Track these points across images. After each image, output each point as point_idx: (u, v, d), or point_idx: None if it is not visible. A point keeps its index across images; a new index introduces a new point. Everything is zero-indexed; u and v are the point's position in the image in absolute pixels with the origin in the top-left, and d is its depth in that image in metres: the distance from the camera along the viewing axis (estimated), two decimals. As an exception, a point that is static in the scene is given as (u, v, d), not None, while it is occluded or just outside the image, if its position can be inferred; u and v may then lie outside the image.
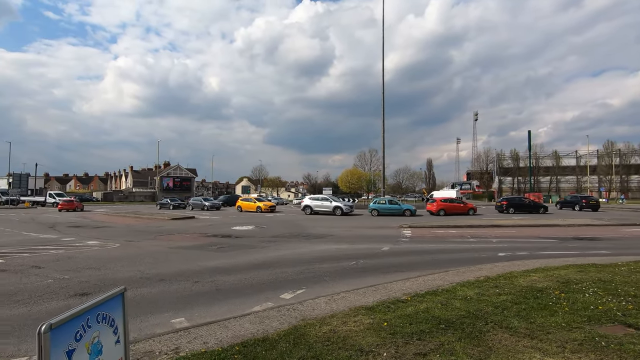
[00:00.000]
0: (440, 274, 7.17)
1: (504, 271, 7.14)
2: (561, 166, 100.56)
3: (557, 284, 6.13)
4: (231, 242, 13.56)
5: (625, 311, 4.77)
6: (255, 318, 4.63)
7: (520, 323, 4.33)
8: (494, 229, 17.90)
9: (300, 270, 8.21)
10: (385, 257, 9.99)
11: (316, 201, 27.96)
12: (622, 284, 6.11)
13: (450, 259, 9.53)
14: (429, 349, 3.58)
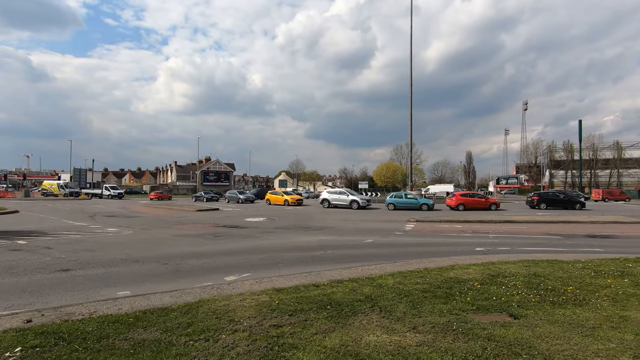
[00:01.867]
0: (386, 265, 7.46)
1: (448, 264, 7.26)
2: (624, 158, 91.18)
3: (486, 276, 6.21)
4: (233, 232, 14.57)
5: (523, 303, 4.88)
6: (177, 293, 5.37)
7: (404, 308, 4.65)
8: (505, 225, 17.29)
9: (266, 257, 8.89)
10: (359, 249, 10.34)
11: (334, 195, 28.44)
12: (554, 279, 6.06)
13: (420, 252, 9.66)
14: (289, 322, 4.08)
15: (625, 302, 4.89)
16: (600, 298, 5.08)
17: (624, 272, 6.51)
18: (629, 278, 6.09)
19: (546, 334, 3.77)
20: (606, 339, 3.65)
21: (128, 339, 3.64)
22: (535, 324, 4.07)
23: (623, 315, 4.40)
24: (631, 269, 6.71)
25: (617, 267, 6.86)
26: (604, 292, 5.37)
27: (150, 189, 70.82)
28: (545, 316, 4.36)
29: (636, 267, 6.94)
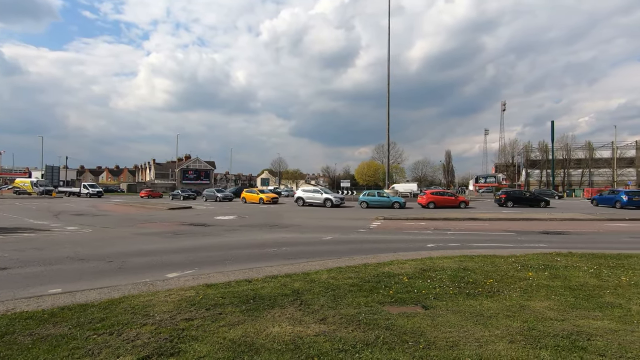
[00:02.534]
0: (329, 261, 7.64)
1: (389, 259, 7.50)
2: (594, 158, 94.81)
3: (417, 271, 6.47)
4: (197, 229, 14.52)
5: (440, 295, 5.12)
6: (107, 290, 5.39)
7: (324, 301, 4.82)
8: (468, 222, 17.80)
9: (218, 254, 8.94)
10: (315, 246, 10.50)
11: (308, 193, 28.59)
12: (480, 272, 6.36)
13: (373, 248, 9.88)
14: (202, 316, 4.19)
15: (533, 293, 5.21)
16: (513, 290, 5.38)
17: (548, 265, 6.89)
18: (549, 271, 6.45)
19: (443, 323, 4.01)
20: (495, 327, 3.91)
21: (33, 334, 3.68)
22: (438, 315, 4.31)
23: (524, 304, 4.69)
24: (556, 263, 7.10)
25: (545, 261, 7.24)
26: (520, 284, 5.69)
27: (127, 187, 69.35)
28: (453, 307, 4.61)
29: (562, 261, 7.34)
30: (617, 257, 7.71)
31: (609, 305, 4.66)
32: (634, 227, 15.97)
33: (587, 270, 6.56)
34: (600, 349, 3.35)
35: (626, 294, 5.15)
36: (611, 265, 6.93)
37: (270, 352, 3.27)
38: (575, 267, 6.80)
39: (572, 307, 4.61)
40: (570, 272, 6.43)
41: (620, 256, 7.86)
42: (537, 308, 4.54)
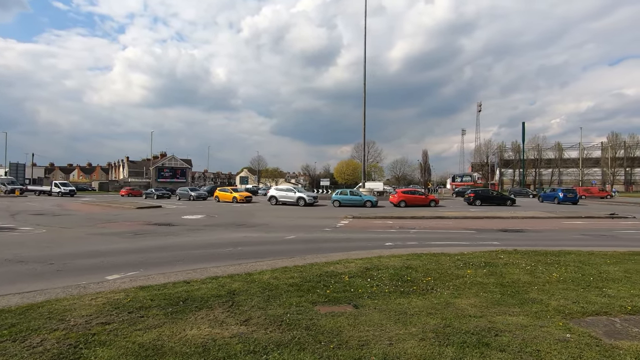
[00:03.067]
0: (278, 260, 7.62)
1: (338, 259, 7.55)
2: (564, 158, 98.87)
3: (361, 270, 6.53)
4: (160, 229, 14.18)
5: (374, 294, 5.19)
6: (33, 294, 5.17)
7: (257, 302, 4.79)
8: (434, 220, 18.18)
9: (171, 254, 8.76)
10: (275, 245, 10.47)
11: (281, 192, 28.49)
12: (421, 271, 6.49)
13: (331, 247, 9.89)
14: (122, 319, 4.08)
15: (465, 290, 5.35)
16: (447, 287, 5.51)
17: (490, 263, 7.10)
18: (488, 268, 6.65)
19: (364, 322, 4.05)
20: (413, 325, 3.99)
21: None
22: (364, 314, 4.36)
23: (451, 302, 4.81)
24: (498, 260, 7.33)
25: (488, 259, 7.46)
26: (456, 281, 5.84)
27: (98, 185, 67.11)
28: (382, 305, 4.67)
29: (505, 258, 7.59)
30: (558, 254, 8.03)
31: (531, 301, 4.84)
32: (587, 225, 16.72)
33: (524, 267, 6.80)
34: (503, 344, 3.47)
35: (551, 290, 5.36)
36: (549, 262, 7.21)
37: (177, 356, 3.22)
38: (514, 264, 7.04)
39: (496, 303, 4.76)
40: (508, 269, 6.65)
41: (561, 253, 8.20)
42: (462, 305, 4.67)
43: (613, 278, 6.05)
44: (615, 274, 6.29)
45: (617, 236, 12.99)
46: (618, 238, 12.56)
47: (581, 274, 6.27)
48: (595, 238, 12.51)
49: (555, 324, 4.05)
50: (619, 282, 5.84)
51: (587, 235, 13.32)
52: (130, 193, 49.40)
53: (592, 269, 6.64)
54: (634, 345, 3.54)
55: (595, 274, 6.33)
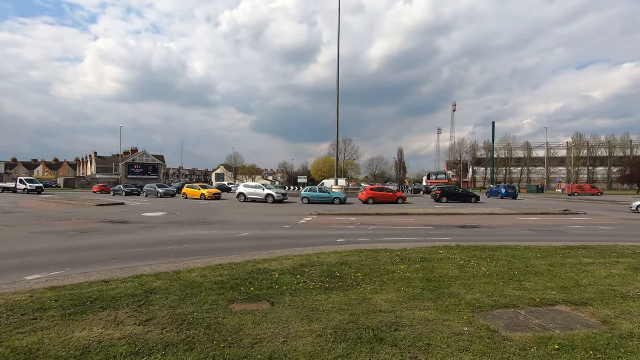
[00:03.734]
0: (216, 258, 7.45)
1: (276, 256, 7.46)
2: (532, 157, 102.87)
3: (294, 266, 6.47)
4: (112, 227, 13.64)
5: (297, 290, 5.13)
6: None
7: (170, 301, 4.63)
8: (397, 217, 18.42)
9: (106, 253, 8.39)
10: (224, 242, 10.24)
11: (250, 189, 28.14)
12: (354, 266, 6.50)
13: (280, 244, 9.79)
14: (7, 322, 3.82)
15: (389, 285, 5.37)
16: (372, 282, 5.53)
17: (426, 258, 7.20)
18: (422, 264, 6.73)
19: (270, 319, 3.98)
20: (318, 321, 3.95)
21: None
22: (275, 311, 4.28)
23: (369, 297, 4.82)
24: (435, 256, 7.44)
25: (427, 254, 7.57)
26: (384, 276, 5.86)
27: (63, 182, 64.24)
28: (299, 302, 4.61)
29: (444, 253, 7.72)
30: (495, 249, 8.25)
31: (448, 296, 4.91)
32: (540, 221, 17.38)
33: (458, 261, 6.93)
34: (397, 339, 3.48)
35: (473, 284, 5.47)
36: (483, 257, 7.39)
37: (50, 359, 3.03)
38: (450, 259, 7.17)
39: (413, 298, 4.80)
40: (441, 264, 6.76)
41: (499, 248, 8.42)
42: (378, 300, 4.68)
43: (536, 271, 6.25)
44: (540, 268, 6.50)
45: (563, 231, 13.55)
46: (563, 233, 13.10)
47: (508, 268, 6.45)
48: (542, 233, 13.00)
49: (460, 317, 4.11)
50: (540, 275, 6.03)
51: (535, 230, 13.83)
52: (102, 190, 48.20)
53: (520, 263, 6.85)
54: (525, 337, 3.64)
55: (522, 267, 6.53)
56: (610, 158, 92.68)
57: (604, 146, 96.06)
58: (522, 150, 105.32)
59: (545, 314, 4.40)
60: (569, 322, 4.12)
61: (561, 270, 6.35)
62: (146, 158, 70.98)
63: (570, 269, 6.43)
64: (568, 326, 4.01)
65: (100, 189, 48.90)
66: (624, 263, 6.87)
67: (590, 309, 4.47)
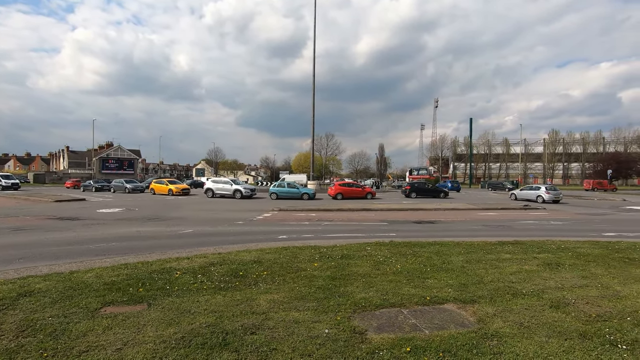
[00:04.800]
0: (129, 257, 7.15)
1: (195, 254, 7.22)
2: (510, 153, 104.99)
3: (201, 266, 6.24)
4: (55, 224, 13.08)
5: (189, 291, 4.92)
6: None
7: (40, 304, 4.33)
8: (359, 213, 18.35)
9: (19, 252, 7.92)
10: (155, 240, 9.88)
11: (218, 184, 27.65)
12: (266, 265, 6.32)
13: (219, 241, 9.49)
14: None
15: (286, 285, 5.20)
16: (273, 282, 5.35)
17: (346, 255, 7.08)
18: (338, 261, 6.59)
19: (128, 324, 3.75)
20: (176, 325, 3.75)
21: None
22: (143, 314, 4.05)
23: (254, 298, 4.63)
24: (360, 253, 7.33)
25: (350, 251, 7.45)
26: (290, 275, 5.69)
27: (33, 177, 62.04)
28: (177, 303, 4.39)
29: (370, 250, 7.62)
30: (424, 245, 8.21)
31: (339, 295, 4.77)
32: (497, 216, 17.60)
33: (378, 258, 6.82)
34: (245, 344, 3.31)
35: (375, 282, 5.35)
36: (407, 253, 7.31)
37: None
38: (371, 255, 7.07)
39: (300, 298, 4.64)
40: (359, 261, 6.64)
41: (429, 244, 8.39)
42: (261, 301, 4.49)
43: (449, 268, 6.19)
44: (455, 264, 6.46)
45: (513, 227, 13.72)
46: (512, 228, 13.25)
47: (423, 265, 6.38)
48: (492, 229, 13.12)
49: (334, 319, 3.97)
50: (450, 272, 5.97)
51: (487, 226, 13.96)
52: (75, 185, 46.25)
53: (438, 260, 6.80)
54: (387, 338, 3.53)
55: (438, 264, 6.47)
56: (584, 154, 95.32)
57: (579, 143, 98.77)
58: (501, 146, 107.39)
59: (428, 313, 4.31)
60: (445, 322, 4.03)
61: (474, 266, 6.31)
62: (122, 153, 69.14)
63: (484, 265, 6.41)
64: (441, 326, 3.92)
65: (74, 184, 47.25)
66: (541, 259, 6.90)
67: (476, 307, 4.41)
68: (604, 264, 6.61)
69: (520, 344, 3.41)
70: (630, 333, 3.65)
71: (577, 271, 6.04)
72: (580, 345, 3.41)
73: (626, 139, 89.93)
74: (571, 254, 7.35)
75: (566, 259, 6.89)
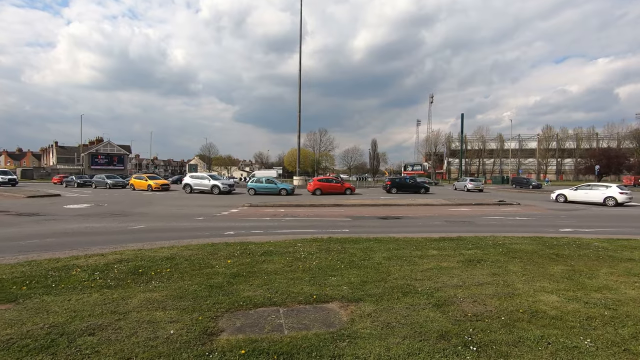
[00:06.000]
0: (40, 253, 6.98)
1: (116, 250, 7.07)
2: (504, 149, 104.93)
3: (111, 262, 6.07)
4: (11, 220, 12.89)
5: (73, 288, 4.77)
6: None
7: None
8: (331, 208, 18.20)
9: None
10: (99, 236, 9.70)
11: (196, 180, 27.45)
12: (179, 261, 6.15)
13: (157, 237, 9.35)
14: None
15: (177, 283, 5.03)
16: (169, 279, 5.17)
17: (270, 252, 6.93)
18: (254, 258, 6.43)
19: (-31, 325, 3.57)
20: (17, 325, 3.56)
21: None
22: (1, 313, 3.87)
23: (129, 296, 4.47)
24: (286, 249, 7.19)
25: (279, 248, 7.31)
26: (194, 272, 5.54)
27: (21, 173, 61.65)
28: (47, 302, 4.26)
29: (301, 246, 7.45)
30: (360, 241, 8.06)
31: (225, 293, 4.61)
32: (467, 212, 17.45)
33: (300, 255, 6.66)
34: (77, 345, 3.16)
35: (273, 280, 5.19)
36: (336, 250, 7.15)
37: None
38: (296, 252, 6.91)
39: (176, 297, 4.46)
40: (278, 257, 6.48)
41: (369, 239, 8.23)
42: (134, 300, 4.33)
43: (363, 265, 6.04)
44: (373, 261, 6.30)
45: (475, 222, 13.57)
46: (473, 224, 13.11)
47: (340, 262, 6.22)
48: (451, 224, 12.98)
49: (196, 318, 3.81)
50: (363, 269, 5.81)
51: (449, 221, 13.80)
52: (63, 181, 46.05)
53: (362, 255, 6.65)
54: (235, 339, 3.37)
55: (356, 261, 6.31)
56: (577, 150, 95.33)
57: (572, 139, 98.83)
58: (495, 142, 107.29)
59: (305, 312, 4.15)
60: (314, 322, 3.87)
61: (391, 263, 6.16)
62: (111, 148, 68.70)
63: (402, 262, 6.25)
64: (307, 326, 3.76)
65: (61, 179, 47.02)
66: (467, 255, 6.75)
67: (357, 307, 4.25)
68: (528, 260, 6.46)
69: (368, 346, 3.26)
70: (491, 334, 3.50)
71: (493, 268, 5.89)
72: (431, 346, 3.26)
73: (619, 134, 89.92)
74: (502, 250, 7.20)
75: (492, 256, 6.74)
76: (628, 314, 4.02)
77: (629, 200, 20.57)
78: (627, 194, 20.48)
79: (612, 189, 20.84)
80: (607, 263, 6.31)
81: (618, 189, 20.69)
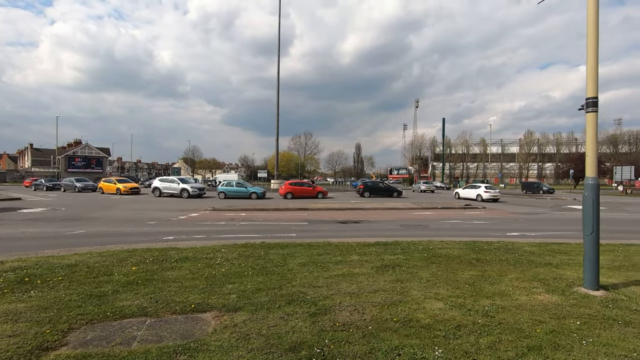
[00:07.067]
0: None
1: (27, 257, 6.72)
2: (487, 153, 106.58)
3: (11, 269, 5.76)
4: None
5: None
6: None
7: None
8: (293, 212, 18.03)
9: None
10: (28, 241, 9.33)
11: (165, 183, 26.96)
12: (76, 269, 5.87)
13: (99, 242, 9.04)
14: None
15: (61, 292, 4.78)
16: (55, 288, 4.93)
17: (188, 257, 6.73)
18: (162, 265, 6.21)
19: None
20: None
21: None
22: None
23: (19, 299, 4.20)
24: (206, 255, 6.99)
25: (200, 254, 7.09)
26: (89, 280, 5.31)
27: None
28: None
29: (225, 252, 7.26)
30: (288, 246, 7.90)
31: (101, 303, 4.38)
32: (428, 216, 17.51)
33: (216, 261, 6.47)
34: None
35: (162, 288, 4.99)
36: (256, 256, 6.98)
37: None
38: (213, 258, 6.72)
39: (41, 308, 4.20)
40: (189, 264, 6.28)
41: (300, 245, 8.10)
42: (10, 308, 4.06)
43: (272, 272, 5.87)
44: (285, 267, 6.15)
45: (430, 226, 13.57)
46: (427, 228, 13.10)
47: (251, 268, 6.05)
48: (406, 228, 12.94)
49: (43, 331, 3.58)
50: (268, 275, 5.65)
51: (405, 225, 13.77)
52: (32, 184, 44.84)
53: (278, 261, 6.52)
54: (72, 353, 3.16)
55: (268, 267, 6.15)
56: (557, 155, 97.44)
57: (552, 144, 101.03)
58: (479, 146, 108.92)
59: (172, 323, 3.96)
60: (175, 334, 3.68)
61: (302, 269, 6.01)
62: (89, 151, 67.29)
63: (315, 267, 6.12)
64: (161, 339, 3.56)
65: (31, 183, 45.89)
66: (386, 260, 6.66)
67: (232, 316, 4.08)
68: (445, 266, 6.39)
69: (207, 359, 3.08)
70: (346, 345, 3.36)
71: (403, 274, 5.79)
72: (275, 359, 3.10)
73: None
74: (426, 255, 7.13)
75: (412, 261, 6.65)
76: (502, 321, 3.94)
77: (493, 198, 26.66)
78: (491, 192, 26.95)
79: (481, 189, 27.83)
80: (520, 268, 6.29)
81: (484, 188, 27.60)
